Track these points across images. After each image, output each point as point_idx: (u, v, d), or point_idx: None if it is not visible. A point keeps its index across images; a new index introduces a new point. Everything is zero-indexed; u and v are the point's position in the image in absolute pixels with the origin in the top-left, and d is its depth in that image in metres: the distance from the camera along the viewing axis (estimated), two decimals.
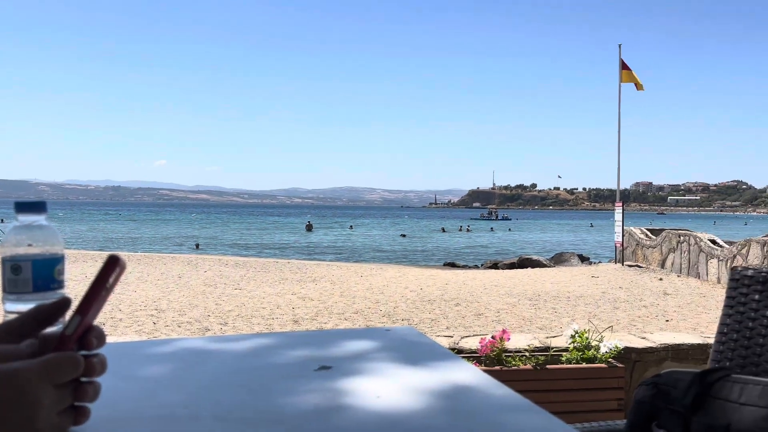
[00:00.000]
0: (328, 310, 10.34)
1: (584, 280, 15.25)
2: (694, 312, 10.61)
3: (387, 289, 13.47)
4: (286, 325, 9.11)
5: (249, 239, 50.75)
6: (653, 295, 12.57)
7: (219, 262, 20.58)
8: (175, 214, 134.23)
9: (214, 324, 8.99)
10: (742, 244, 14.22)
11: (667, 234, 18.05)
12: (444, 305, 11.02)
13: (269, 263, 21.16)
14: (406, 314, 10.06)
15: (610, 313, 10.29)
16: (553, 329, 8.63)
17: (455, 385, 0.99)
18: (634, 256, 20.29)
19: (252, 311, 10.16)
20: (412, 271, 19.94)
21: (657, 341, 4.39)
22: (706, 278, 15.28)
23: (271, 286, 13.87)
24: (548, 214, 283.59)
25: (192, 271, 16.80)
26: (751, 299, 1.51)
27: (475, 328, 8.79)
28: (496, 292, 12.96)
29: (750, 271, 1.54)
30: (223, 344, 1.27)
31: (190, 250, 36.23)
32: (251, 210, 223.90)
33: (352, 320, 9.49)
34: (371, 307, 10.71)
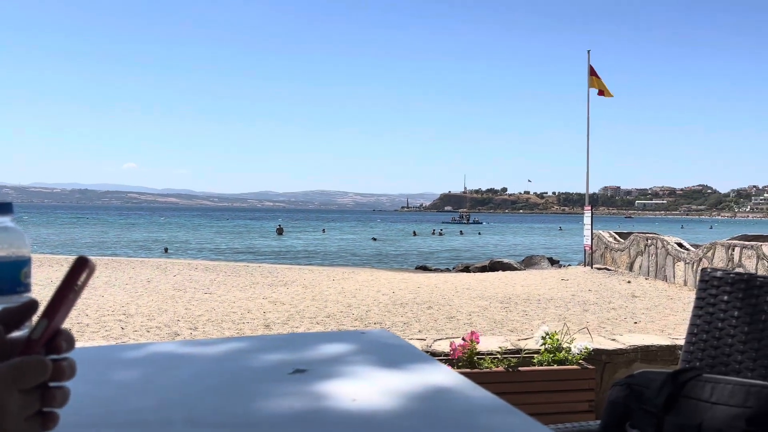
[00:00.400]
0: (299, 315, 10.28)
1: (554, 283, 15.40)
2: (662, 314, 10.78)
3: (359, 292, 13.43)
4: (258, 329, 9.03)
5: (219, 243, 50.24)
6: (622, 298, 12.74)
7: (188, 266, 20.34)
8: (143, 218, 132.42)
9: (183, 329, 8.87)
10: (707, 247, 14.50)
11: (635, 237, 18.33)
12: (416, 308, 11.03)
13: (240, 267, 20.98)
14: (378, 318, 10.04)
15: (580, 316, 10.40)
16: (524, 332, 8.69)
17: (432, 387, 0.99)
18: (603, 259, 20.56)
19: (222, 316, 10.05)
20: (384, 274, 19.94)
21: (626, 343, 4.45)
22: (673, 281, 15.55)
23: (242, 290, 13.75)
24: (519, 217, 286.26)
25: (161, 276, 16.58)
26: (720, 300, 1.54)
27: (447, 331, 8.80)
28: (468, 295, 13.01)
29: (719, 272, 1.57)
30: (195, 348, 1.25)
31: (159, 254, 35.75)
32: (221, 213, 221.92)
33: (324, 324, 9.43)
34: (343, 311, 10.68)
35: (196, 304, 11.36)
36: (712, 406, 1.05)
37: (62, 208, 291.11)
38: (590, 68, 21.29)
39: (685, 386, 1.10)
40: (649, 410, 1.11)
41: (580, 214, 25.07)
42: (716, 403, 1.05)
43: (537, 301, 12.16)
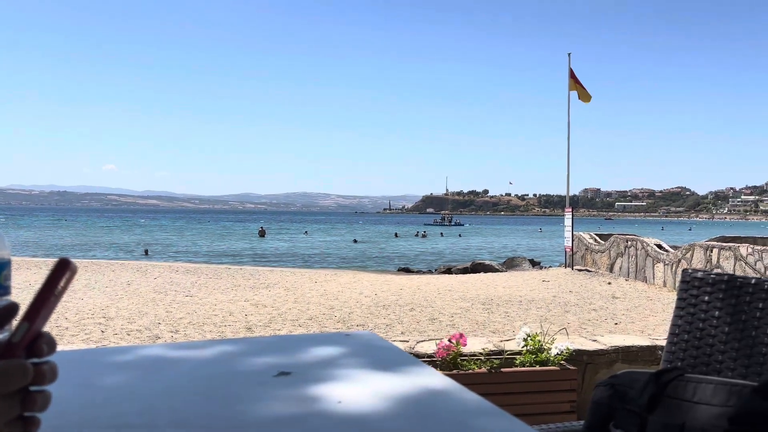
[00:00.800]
0: (281, 317, 10.24)
1: (535, 284, 15.49)
2: (642, 315, 10.88)
3: (342, 294, 13.41)
4: (239, 332, 8.97)
5: (200, 245, 49.89)
6: (602, 299, 12.85)
7: (169, 269, 20.17)
8: (124, 220, 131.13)
9: (164, 332, 8.80)
10: (686, 249, 14.67)
11: (615, 239, 18.49)
12: (399, 310, 11.03)
13: (221, 270, 20.84)
14: (361, 320, 10.03)
15: (561, 317, 10.46)
16: (506, 333, 8.73)
17: (417, 389, 0.99)
18: (584, 260, 20.72)
19: (204, 318, 9.98)
20: (366, 276, 19.92)
21: (607, 344, 4.49)
22: (653, 282, 15.71)
23: (224, 292, 13.66)
24: (500, 219, 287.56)
25: (141, 278, 16.42)
26: (701, 300, 1.55)
27: (429, 333, 8.81)
28: (450, 296, 13.04)
29: (700, 273, 1.59)
30: (178, 351, 1.24)
31: (140, 256, 35.44)
32: (202, 216, 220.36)
33: (307, 326, 9.41)
34: (326, 313, 10.65)
35: (177, 306, 11.27)
36: (694, 405, 1.06)
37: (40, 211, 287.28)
38: (571, 71, 21.45)
39: (668, 386, 1.11)
40: (633, 410, 1.12)
41: (561, 215, 25.24)
42: (699, 403, 1.06)
43: (518, 302, 12.22)
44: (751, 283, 1.58)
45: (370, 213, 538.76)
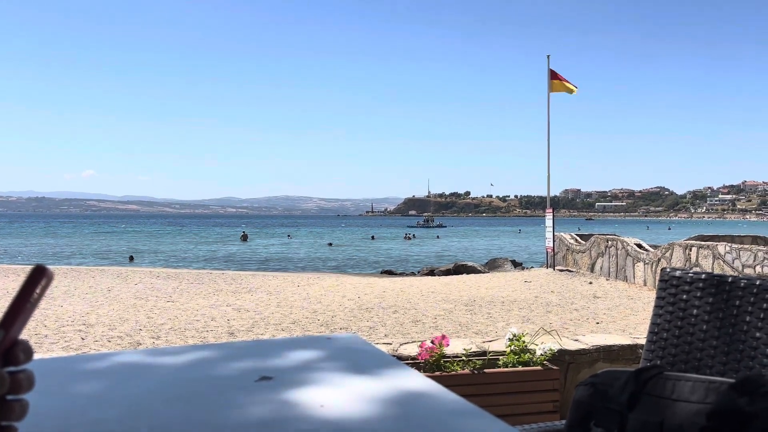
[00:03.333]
0: (264, 321, 10.20)
1: (517, 285, 15.58)
2: (623, 314, 10.99)
3: (324, 298, 13.39)
4: (222, 337, 8.93)
5: (181, 250, 49.56)
6: (584, 299, 12.95)
7: (150, 275, 20.00)
8: (103, 226, 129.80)
9: (146, 338, 8.73)
10: (666, 248, 14.83)
11: (596, 239, 18.65)
12: (382, 313, 11.03)
13: (203, 274, 20.71)
14: (344, 323, 10.02)
15: (543, 317, 10.53)
16: (489, 334, 8.77)
17: (401, 392, 0.99)
18: (565, 260, 20.87)
19: (185, 324, 9.91)
20: (349, 279, 19.91)
21: (589, 343, 4.52)
22: (633, 281, 15.86)
23: (205, 297, 13.58)
24: (482, 220, 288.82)
25: (122, 284, 16.26)
26: (680, 299, 1.57)
27: (413, 335, 8.83)
28: (433, 298, 13.07)
29: (678, 272, 1.61)
30: (158, 357, 1.23)
31: (122, 262, 35.12)
32: (183, 220, 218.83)
33: (289, 330, 9.38)
34: (309, 317, 10.63)
35: (158, 312, 11.18)
36: (673, 402, 1.07)
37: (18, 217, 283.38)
38: (551, 72, 21.58)
39: (647, 384, 1.12)
40: (613, 408, 1.13)
41: (542, 216, 25.41)
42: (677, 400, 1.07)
43: (501, 303, 12.28)
44: (729, 281, 1.60)
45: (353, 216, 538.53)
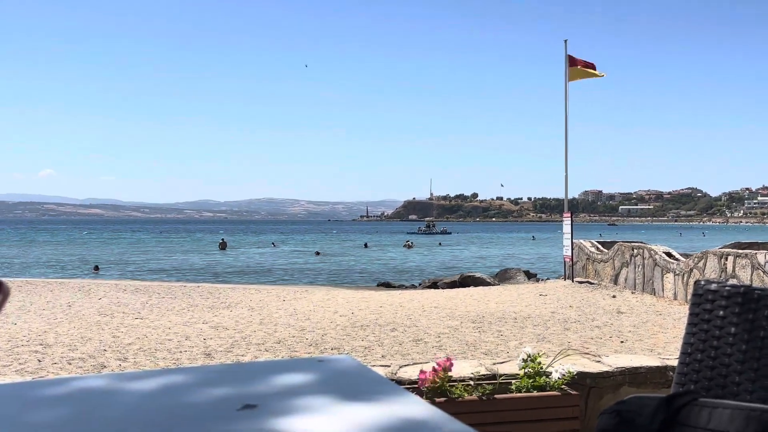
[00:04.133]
0: (245, 341, 10.20)
1: (532, 299, 15.59)
2: (651, 331, 11.00)
3: (314, 314, 13.39)
4: (197, 358, 8.93)
5: (151, 260, 49.50)
6: (606, 314, 12.97)
7: (116, 288, 19.98)
8: (64, 233, 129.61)
9: (111, 360, 8.72)
10: (698, 257, 14.86)
11: (620, 247, 18.67)
12: (379, 331, 11.04)
13: (176, 288, 20.69)
14: (336, 342, 10.03)
15: (561, 335, 10.54)
16: (500, 354, 8.77)
17: (400, 420, 0.99)
18: (585, 271, 20.89)
19: (156, 344, 9.90)
20: (342, 293, 19.91)
21: (613, 365, 4.52)
22: (662, 294, 15.89)
23: (179, 314, 13.57)
24: (491, 226, 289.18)
25: (84, 299, 16.24)
26: (716, 315, 1.57)
27: (413, 356, 8.82)
28: (436, 314, 13.08)
29: (714, 284, 1.61)
30: (125, 383, 1.23)
31: (85, 273, 35.07)
32: (154, 226, 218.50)
33: (274, 351, 9.38)
34: (296, 336, 10.63)
35: (125, 331, 11.17)
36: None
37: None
38: (568, 58, 21.59)
39: (680, 412, 1.12)
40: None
41: (559, 221, 25.47)
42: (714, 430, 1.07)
43: (513, 319, 12.30)
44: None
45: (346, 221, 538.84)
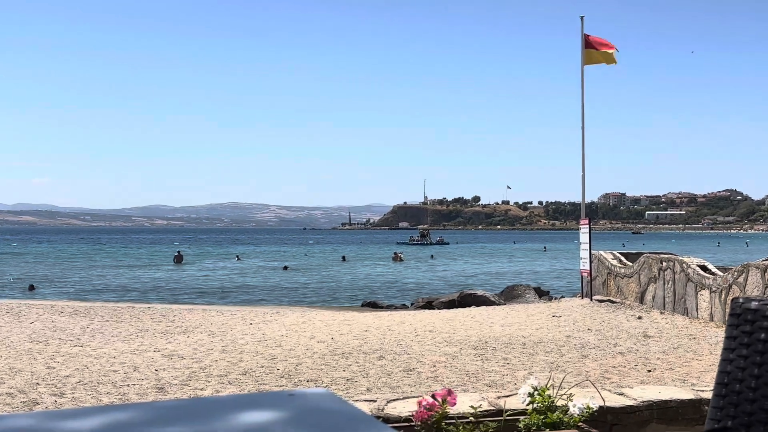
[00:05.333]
0: (205, 372, 10.16)
1: (543, 321, 15.62)
2: (683, 359, 11.04)
3: (286, 340, 13.37)
4: (148, 393, 8.89)
5: (93, 276, 49.28)
6: (631, 339, 13.00)
7: (51, 310, 19.85)
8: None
9: (45, 395, 8.67)
10: (739, 271, 14.95)
11: (646, 259, 18.75)
12: (363, 359, 11.03)
13: (122, 309, 20.59)
14: (312, 373, 10.01)
15: (578, 363, 10.56)
16: (506, 386, 8.77)
17: None
18: (606, 288, 20.97)
19: (99, 376, 9.85)
20: (320, 314, 19.88)
21: (638, 398, 4.54)
22: (696, 315, 15.97)
23: (126, 340, 13.51)
24: (496, 235, 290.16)
25: (13, 323, 16.13)
26: (756, 339, 1.58)
27: (404, 389, 8.81)
28: (432, 339, 13.08)
29: (753, 303, 1.62)
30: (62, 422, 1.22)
31: (14, 293, 34.85)
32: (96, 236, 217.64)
33: (239, 384, 9.35)
34: (265, 366, 10.60)
35: (62, 360, 11.11)
36: None
37: None
38: (585, 38, 21.67)
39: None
40: None
41: (575, 229, 25.55)
42: None
43: (522, 345, 12.31)
44: None
45: (324, 229, 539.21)
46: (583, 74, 21.86)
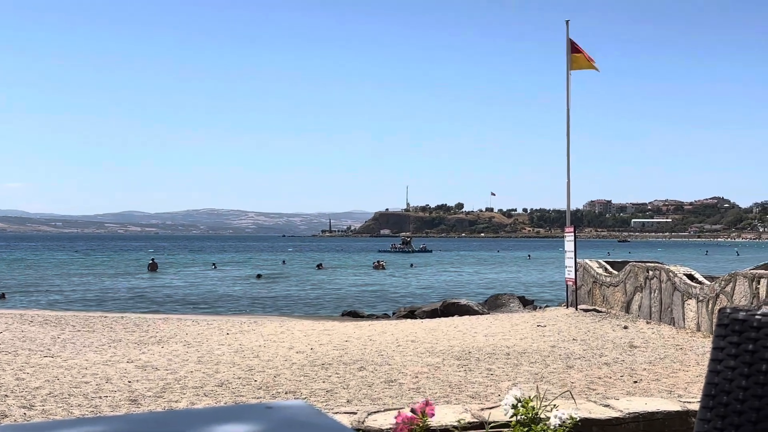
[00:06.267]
0: (180, 383, 10.13)
1: (528, 331, 15.68)
2: (670, 369, 11.11)
3: (264, 350, 13.35)
4: (120, 405, 8.86)
5: (65, 285, 49.01)
6: (617, 349, 13.07)
7: (21, 319, 19.71)
8: None
9: (13, 407, 8.61)
10: (726, 280, 15.05)
11: (632, 268, 18.86)
12: (343, 370, 11.03)
13: (95, 319, 20.47)
14: (291, 385, 10.01)
15: (563, 374, 10.61)
16: (490, 398, 8.79)
17: None
18: (591, 297, 21.07)
19: (70, 388, 9.80)
20: (299, 324, 19.86)
21: (624, 409, 4.56)
22: (682, 325, 16.06)
23: (98, 351, 13.44)
24: (480, 242, 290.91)
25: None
26: (744, 350, 1.59)
27: (385, 400, 8.82)
28: (414, 349, 13.10)
29: (742, 312, 1.62)
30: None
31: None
32: (68, 243, 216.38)
33: (215, 396, 9.32)
34: (242, 377, 10.59)
35: (31, 372, 11.04)
36: None
37: None
38: (570, 43, 21.82)
39: None
40: None
41: (560, 237, 25.69)
42: None
43: (506, 355, 12.36)
44: None
45: (304, 236, 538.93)
46: (569, 80, 21.99)
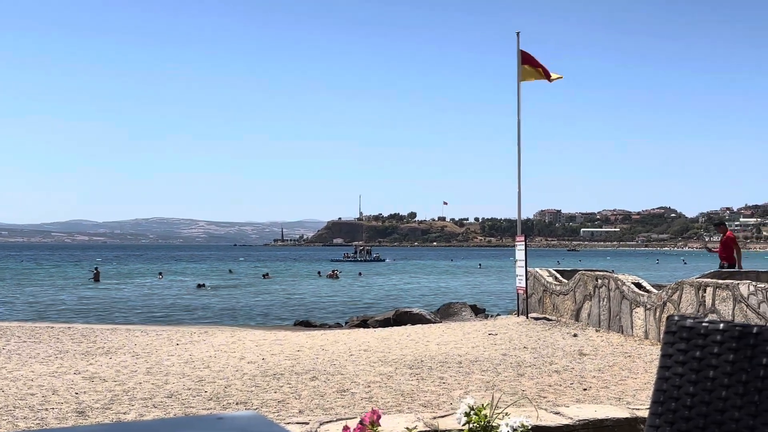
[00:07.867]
0: (128, 395, 10.00)
1: (479, 339, 15.75)
2: (618, 377, 11.25)
3: (215, 361, 13.23)
4: (67, 417, 8.73)
5: (8, 295, 48.12)
6: (566, 357, 13.20)
7: None
8: None
9: None
10: (673, 288, 15.29)
11: (582, 276, 19.07)
12: (295, 380, 10.98)
13: (40, 329, 20.10)
14: (242, 395, 9.94)
15: (514, 382, 10.68)
16: (442, 406, 8.81)
17: None
18: (541, 305, 21.26)
19: (15, 400, 9.63)
20: (250, 334, 19.70)
21: (574, 416, 4.60)
22: (630, 332, 16.28)
23: (44, 362, 13.20)
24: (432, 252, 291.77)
25: None
26: (692, 357, 1.61)
27: (338, 410, 8.79)
28: (366, 358, 13.08)
29: (689, 320, 1.65)
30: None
31: None
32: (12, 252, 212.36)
33: (165, 407, 9.21)
34: (192, 388, 10.48)
35: None
36: None
37: None
38: (521, 54, 22.04)
39: None
40: None
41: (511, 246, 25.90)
42: None
43: (458, 363, 12.40)
44: (755, 332, 1.65)
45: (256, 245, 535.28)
46: (520, 91, 22.19)
